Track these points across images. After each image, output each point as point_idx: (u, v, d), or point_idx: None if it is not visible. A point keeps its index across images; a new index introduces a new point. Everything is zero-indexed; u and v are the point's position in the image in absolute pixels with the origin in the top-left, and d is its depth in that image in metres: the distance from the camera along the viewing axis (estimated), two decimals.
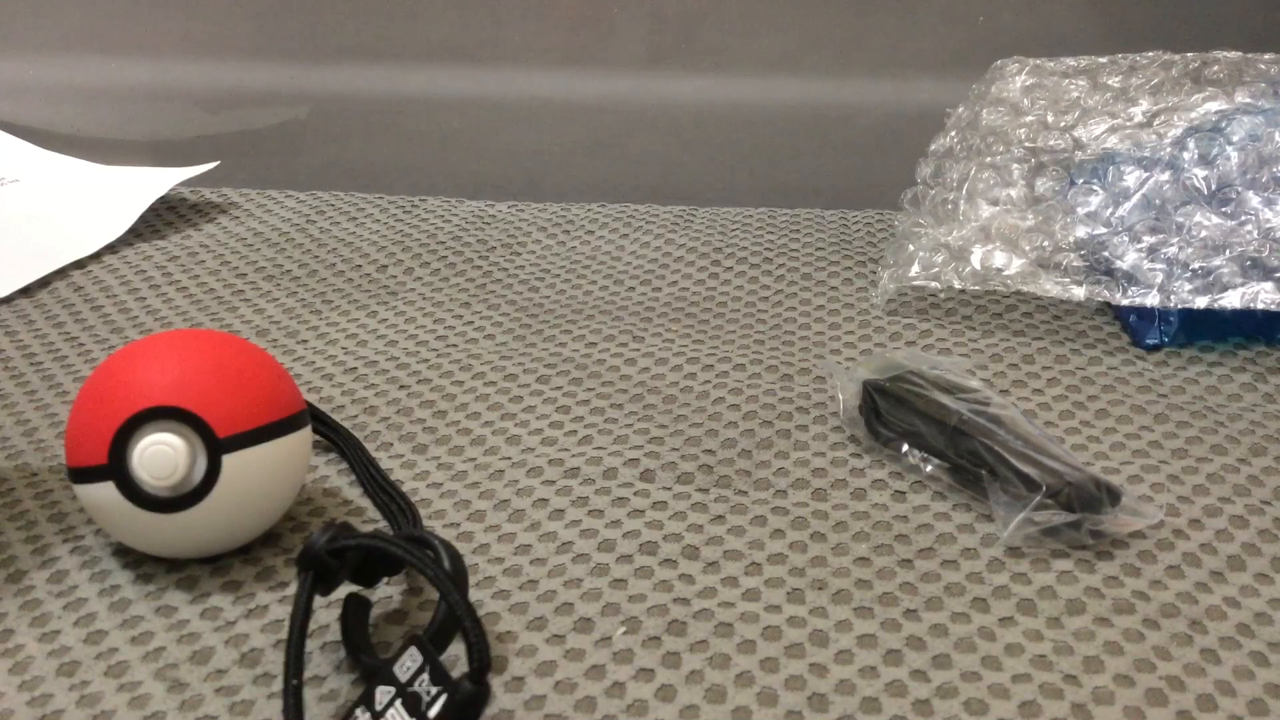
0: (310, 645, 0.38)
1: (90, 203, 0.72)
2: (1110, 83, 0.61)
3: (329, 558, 0.36)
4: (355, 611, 0.38)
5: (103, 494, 0.39)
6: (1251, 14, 0.82)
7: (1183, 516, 0.44)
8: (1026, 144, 0.60)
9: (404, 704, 0.33)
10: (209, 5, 0.88)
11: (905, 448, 0.46)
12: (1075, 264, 0.56)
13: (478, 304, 0.61)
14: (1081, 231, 0.56)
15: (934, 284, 0.58)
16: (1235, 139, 0.56)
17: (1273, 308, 0.53)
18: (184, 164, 0.75)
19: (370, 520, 0.44)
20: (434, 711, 0.32)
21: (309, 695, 0.36)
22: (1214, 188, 0.55)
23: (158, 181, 0.73)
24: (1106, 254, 0.55)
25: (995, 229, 0.58)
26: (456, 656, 0.37)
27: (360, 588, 0.39)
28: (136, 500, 0.39)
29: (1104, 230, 0.56)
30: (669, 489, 0.46)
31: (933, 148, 0.65)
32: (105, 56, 0.90)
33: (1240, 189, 0.55)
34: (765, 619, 0.39)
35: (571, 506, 0.45)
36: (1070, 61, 0.63)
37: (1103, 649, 0.38)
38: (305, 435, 0.42)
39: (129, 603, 0.40)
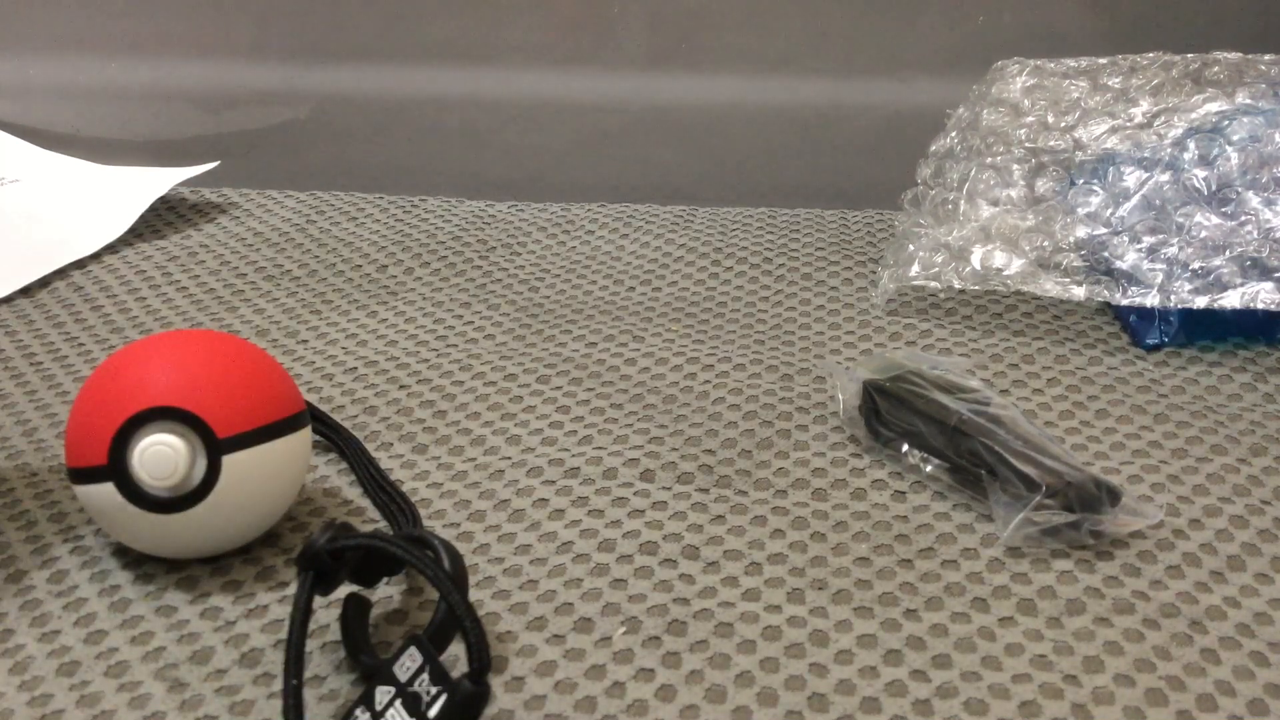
0: (310, 645, 0.38)
1: (90, 203, 0.72)
2: (1110, 83, 0.61)
3: (329, 558, 0.36)
4: (355, 611, 0.38)
5: (103, 494, 0.39)
6: (1251, 14, 0.82)
7: (1183, 516, 0.44)
8: (1027, 144, 0.60)
9: (404, 704, 0.33)
10: (209, 5, 0.88)
11: (905, 448, 0.46)
12: (1075, 264, 0.56)
13: (478, 304, 0.61)
14: (1081, 231, 0.56)
15: (934, 284, 0.58)
16: (1235, 139, 0.56)
17: (1273, 308, 0.53)
18: (184, 164, 0.75)
19: (370, 520, 0.44)
20: (434, 711, 0.32)
21: (309, 695, 0.36)
22: (1214, 188, 0.55)
23: (158, 181, 0.73)
24: (1106, 254, 0.55)
25: (995, 229, 0.58)
26: (456, 656, 0.37)
27: (360, 588, 0.39)
28: (136, 500, 0.39)
29: (1104, 230, 0.56)
30: (669, 489, 0.46)
31: (933, 148, 0.65)
32: (105, 56, 0.90)
33: (1240, 189, 0.55)
34: (765, 619, 0.39)
35: (571, 506, 0.45)
36: (1070, 62, 0.63)
37: (1103, 649, 0.38)
38: (305, 435, 0.42)
39: (129, 603, 0.40)
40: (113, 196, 0.72)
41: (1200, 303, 0.53)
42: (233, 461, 0.39)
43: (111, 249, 0.67)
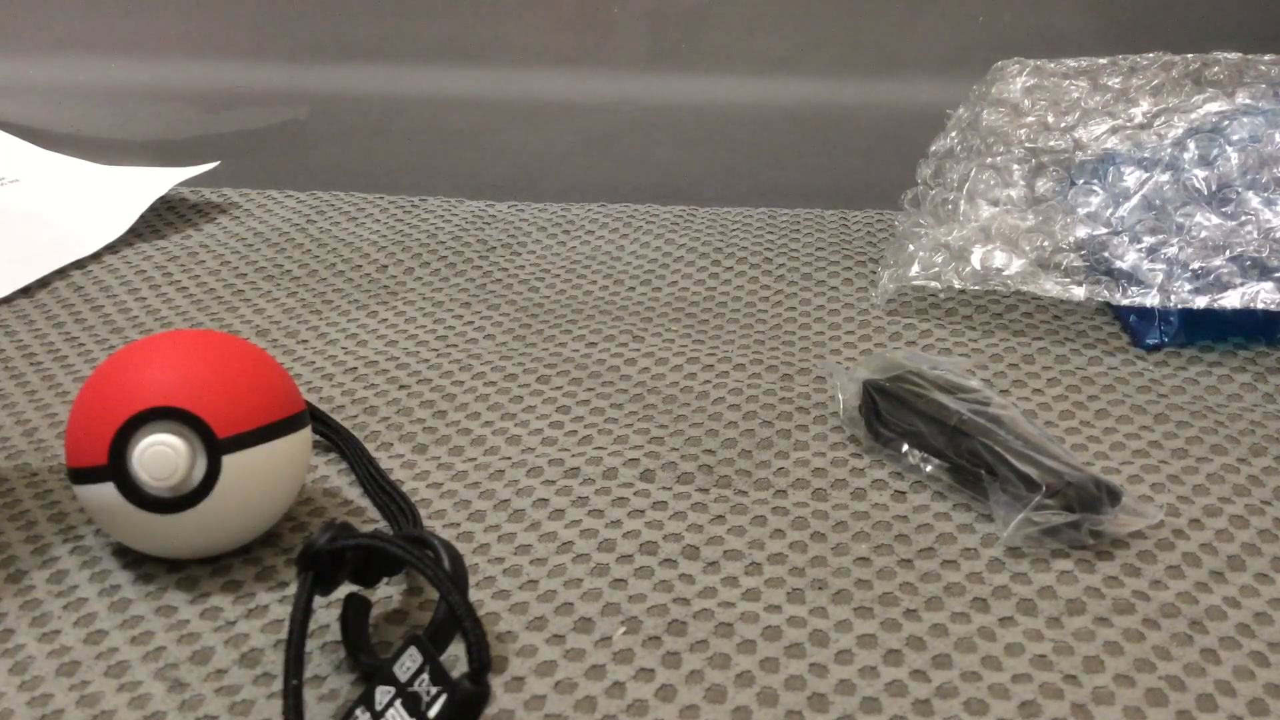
0: (310, 645, 0.38)
1: (90, 203, 0.72)
2: (1110, 83, 0.61)
3: (329, 558, 0.36)
4: (355, 611, 0.38)
5: (103, 494, 0.39)
6: (1251, 14, 0.82)
7: (1183, 516, 0.44)
8: (1027, 144, 0.60)
9: (404, 704, 0.33)
10: (209, 5, 0.89)
11: (905, 448, 0.46)
12: (1075, 264, 0.56)
13: (478, 304, 0.61)
14: (1082, 232, 0.56)
15: (934, 284, 0.58)
16: (1235, 139, 0.56)
17: (1273, 308, 0.53)
18: (184, 164, 0.75)
19: (370, 520, 0.44)
20: (434, 711, 0.32)
21: (309, 695, 0.36)
22: (1214, 188, 0.55)
23: (158, 181, 0.73)
24: (1106, 254, 0.55)
25: (995, 229, 0.58)
26: (456, 656, 0.37)
27: (360, 588, 0.39)
28: (136, 501, 0.39)
29: (1104, 230, 0.56)
30: (669, 489, 0.46)
31: (933, 148, 0.65)
32: (105, 56, 0.90)
33: (1240, 189, 0.55)
34: (765, 619, 0.39)
35: (571, 506, 0.45)
36: (1071, 62, 0.63)
37: (1103, 649, 0.38)
38: (305, 435, 0.42)
39: (129, 603, 0.40)
40: (113, 196, 0.72)
41: (1200, 303, 0.53)
42: (233, 461, 0.39)
43: (111, 249, 0.67)
